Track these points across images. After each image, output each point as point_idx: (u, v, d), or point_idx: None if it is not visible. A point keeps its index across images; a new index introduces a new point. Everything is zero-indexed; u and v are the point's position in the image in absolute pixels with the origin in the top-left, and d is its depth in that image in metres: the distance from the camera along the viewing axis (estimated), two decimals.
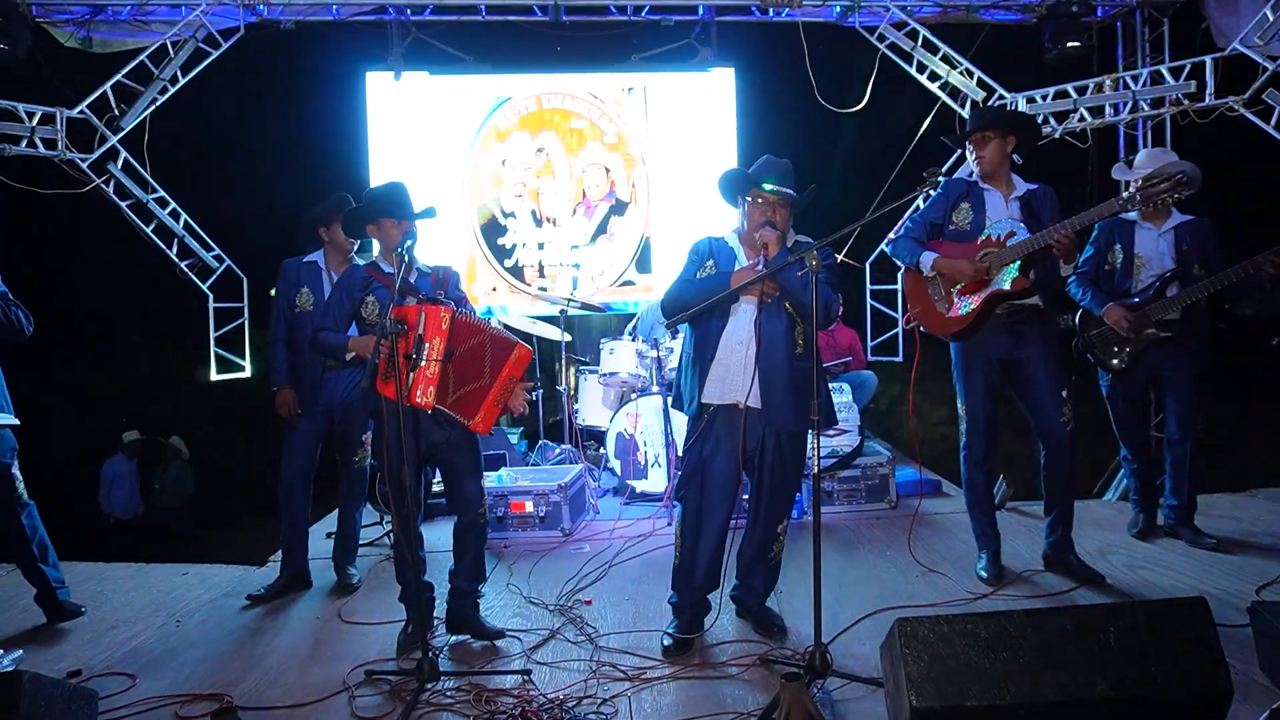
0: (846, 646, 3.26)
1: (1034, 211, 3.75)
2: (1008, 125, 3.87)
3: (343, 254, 4.25)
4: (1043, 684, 2.28)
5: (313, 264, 4.25)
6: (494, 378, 3.32)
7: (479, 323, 3.40)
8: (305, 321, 4.13)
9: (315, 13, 6.92)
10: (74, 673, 3.38)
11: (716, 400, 3.34)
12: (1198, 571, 3.96)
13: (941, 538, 4.44)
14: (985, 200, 3.82)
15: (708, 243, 3.50)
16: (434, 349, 3.23)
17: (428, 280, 3.59)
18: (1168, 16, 6.98)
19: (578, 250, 7.52)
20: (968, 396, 3.95)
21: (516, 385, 3.40)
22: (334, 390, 4.16)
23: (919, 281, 3.93)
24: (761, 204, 3.32)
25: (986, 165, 3.83)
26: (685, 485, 3.42)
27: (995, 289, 3.67)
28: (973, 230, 3.80)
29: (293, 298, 4.21)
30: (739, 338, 3.32)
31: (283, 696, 3.12)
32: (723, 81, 7.56)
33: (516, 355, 3.34)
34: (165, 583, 4.52)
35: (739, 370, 3.30)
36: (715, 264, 3.41)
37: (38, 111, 6.26)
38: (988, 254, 3.71)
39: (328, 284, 4.19)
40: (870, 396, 6.90)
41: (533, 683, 3.11)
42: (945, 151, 7.32)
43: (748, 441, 3.33)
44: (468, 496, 3.53)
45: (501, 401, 3.37)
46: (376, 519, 5.24)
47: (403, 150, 7.44)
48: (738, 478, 3.39)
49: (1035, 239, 3.57)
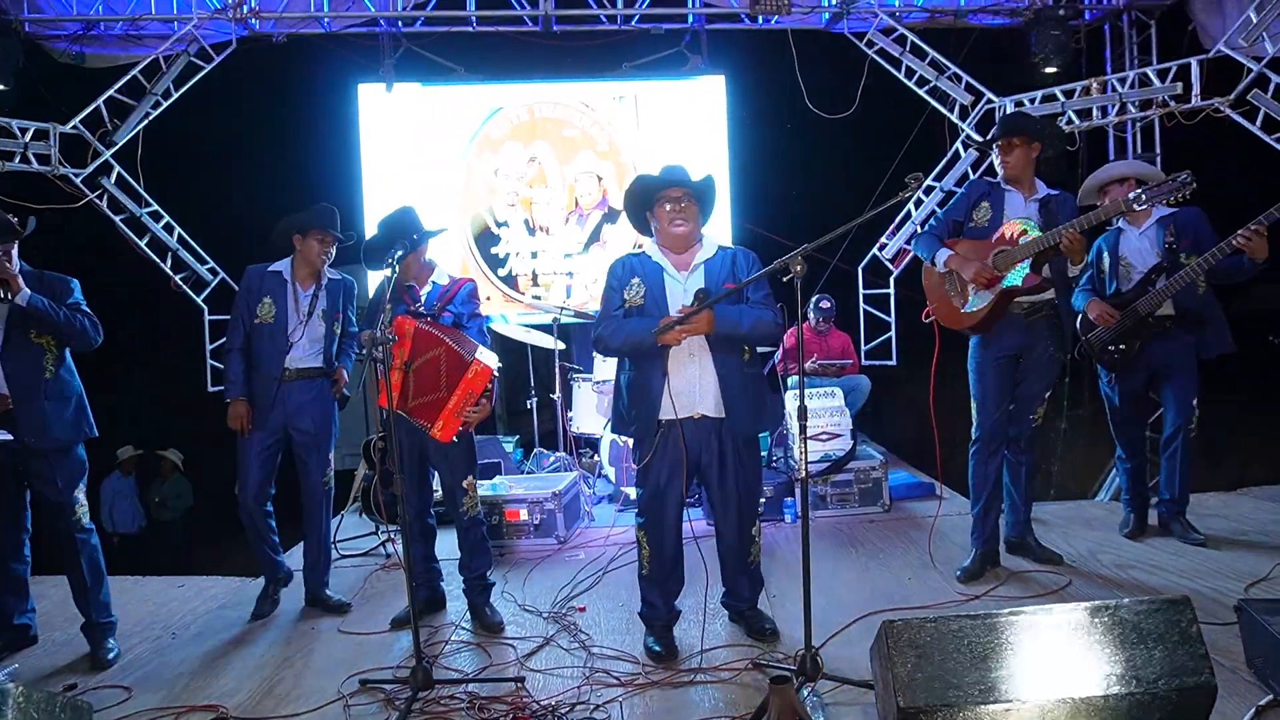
0: (839, 650, 3.28)
1: (1052, 214, 3.84)
2: (1034, 133, 3.95)
3: (311, 267, 4.06)
4: (1029, 682, 2.30)
5: (278, 274, 4.05)
6: (450, 390, 3.45)
7: (440, 337, 3.51)
8: (264, 333, 3.98)
9: (306, 25, 6.96)
10: (70, 686, 3.38)
11: (674, 415, 3.32)
12: (1188, 571, 3.98)
13: (936, 540, 4.46)
14: (1005, 201, 3.95)
15: (627, 262, 3.47)
16: (397, 357, 3.47)
17: (436, 293, 3.79)
18: (1154, 19, 7.04)
19: (571, 259, 7.55)
20: (980, 391, 4.02)
21: (476, 400, 3.52)
22: (288, 404, 3.99)
23: (936, 278, 4.04)
24: (670, 208, 3.37)
25: (1010, 170, 3.94)
26: (646, 512, 3.45)
27: (1006, 285, 3.79)
28: (990, 228, 3.91)
29: (253, 307, 4.00)
30: (689, 351, 3.32)
31: (277, 707, 3.14)
32: (713, 89, 7.60)
33: (473, 372, 3.45)
34: (161, 595, 4.52)
35: (695, 382, 3.32)
36: (642, 283, 3.38)
37: (31, 127, 6.29)
38: (1000, 252, 3.81)
39: (291, 296, 4.02)
40: (864, 401, 6.93)
41: (526, 690, 3.12)
42: (936, 155, 7.39)
43: (702, 452, 3.38)
44: (453, 495, 3.79)
45: (460, 413, 3.49)
46: (372, 529, 5.26)
47: (395, 161, 7.46)
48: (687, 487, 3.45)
49: (1044, 237, 3.69)
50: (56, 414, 3.60)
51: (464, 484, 3.80)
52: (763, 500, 5.22)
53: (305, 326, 4.01)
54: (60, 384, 3.64)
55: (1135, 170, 4.35)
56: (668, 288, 3.38)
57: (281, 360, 3.97)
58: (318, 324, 4.05)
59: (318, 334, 4.05)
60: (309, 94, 8.41)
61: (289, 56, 7.29)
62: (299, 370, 4.00)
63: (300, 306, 4.02)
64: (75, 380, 3.74)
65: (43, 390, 3.57)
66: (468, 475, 3.81)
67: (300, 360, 4.01)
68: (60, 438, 3.61)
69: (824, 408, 5.52)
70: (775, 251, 3.09)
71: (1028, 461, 4.11)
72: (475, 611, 3.86)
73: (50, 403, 3.59)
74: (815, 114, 7.19)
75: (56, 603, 4.01)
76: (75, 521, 3.67)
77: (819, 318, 7.18)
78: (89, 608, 3.70)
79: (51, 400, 3.60)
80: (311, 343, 4.03)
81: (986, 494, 4.05)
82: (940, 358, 3.92)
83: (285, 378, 3.97)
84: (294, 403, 4.00)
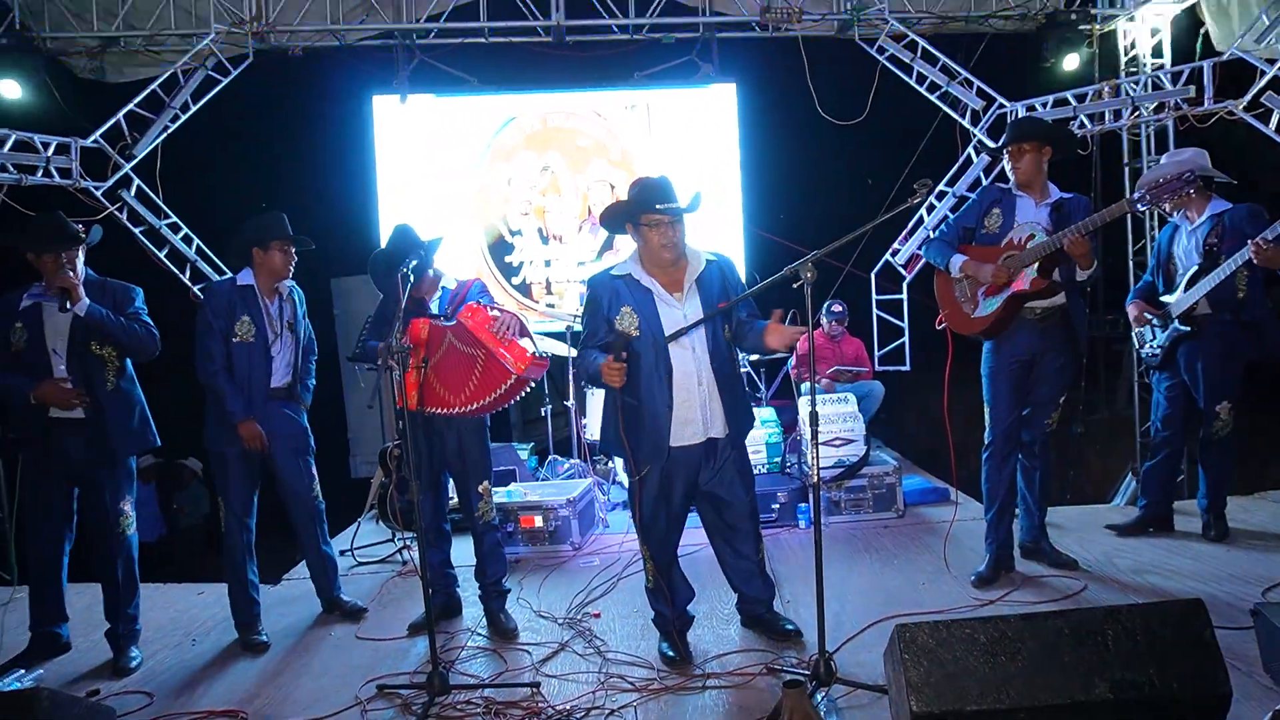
0: (854, 654, 3.29)
1: (1066, 217, 3.82)
2: (1044, 137, 3.94)
3: (275, 278, 3.90)
4: (1041, 687, 2.31)
5: (248, 289, 3.87)
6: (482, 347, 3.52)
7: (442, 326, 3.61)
8: (245, 352, 3.81)
9: (322, 39, 7.04)
10: (93, 692, 3.43)
11: (683, 442, 3.28)
12: (1204, 575, 3.96)
13: (950, 545, 4.45)
14: (1016, 206, 3.93)
15: (611, 286, 3.32)
16: (415, 357, 3.51)
17: (446, 297, 3.86)
18: (1167, 23, 7.01)
19: (584, 267, 7.59)
20: (993, 396, 4.02)
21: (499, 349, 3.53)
22: (270, 423, 3.85)
23: (948, 284, 4.03)
24: (660, 231, 3.21)
25: (1022, 175, 3.92)
26: (649, 528, 3.36)
27: (1015, 290, 3.79)
28: (1000, 235, 3.91)
29: (231, 326, 3.79)
30: (698, 379, 3.27)
31: (296, 712, 3.18)
32: (724, 97, 7.63)
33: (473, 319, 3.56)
34: (182, 602, 4.58)
35: (704, 408, 3.28)
36: (635, 312, 3.24)
37: (53, 142, 6.38)
38: (1010, 256, 3.81)
39: (264, 310, 3.86)
40: (877, 406, 6.93)
41: (542, 695, 3.15)
42: (948, 161, 7.39)
43: (701, 468, 3.36)
44: (469, 500, 3.85)
45: (502, 343, 3.53)
46: (388, 535, 5.30)
47: (410, 171, 7.53)
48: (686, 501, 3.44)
49: (1049, 241, 3.69)
50: (118, 425, 3.67)
51: (479, 489, 3.84)
52: (776, 506, 5.26)
53: (281, 340, 3.90)
54: (121, 395, 3.72)
55: (1186, 167, 4.18)
56: (662, 315, 3.26)
57: (267, 380, 3.84)
58: (288, 337, 3.94)
59: (289, 348, 3.95)
60: (324, 106, 8.50)
61: (305, 69, 7.38)
62: (276, 389, 3.89)
63: (274, 322, 3.89)
64: (136, 390, 3.81)
65: (105, 402, 3.64)
66: (483, 480, 3.85)
67: (280, 378, 3.91)
68: (121, 448, 3.68)
69: (837, 413, 5.53)
70: (786, 257, 3.10)
71: (1042, 466, 4.10)
72: (490, 618, 3.88)
73: (112, 414, 3.65)
74: (826, 120, 7.20)
75: (81, 610, 4.07)
76: (119, 533, 3.74)
77: (831, 321, 7.19)
78: (118, 617, 3.76)
79: (113, 411, 3.66)
80: (286, 359, 3.94)
81: (1000, 499, 4.05)
82: (953, 363, 3.93)
83: (271, 395, 3.85)
84: (275, 421, 3.86)
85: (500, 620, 3.83)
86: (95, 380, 3.63)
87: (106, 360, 3.66)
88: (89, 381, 3.61)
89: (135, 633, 3.82)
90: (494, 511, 3.92)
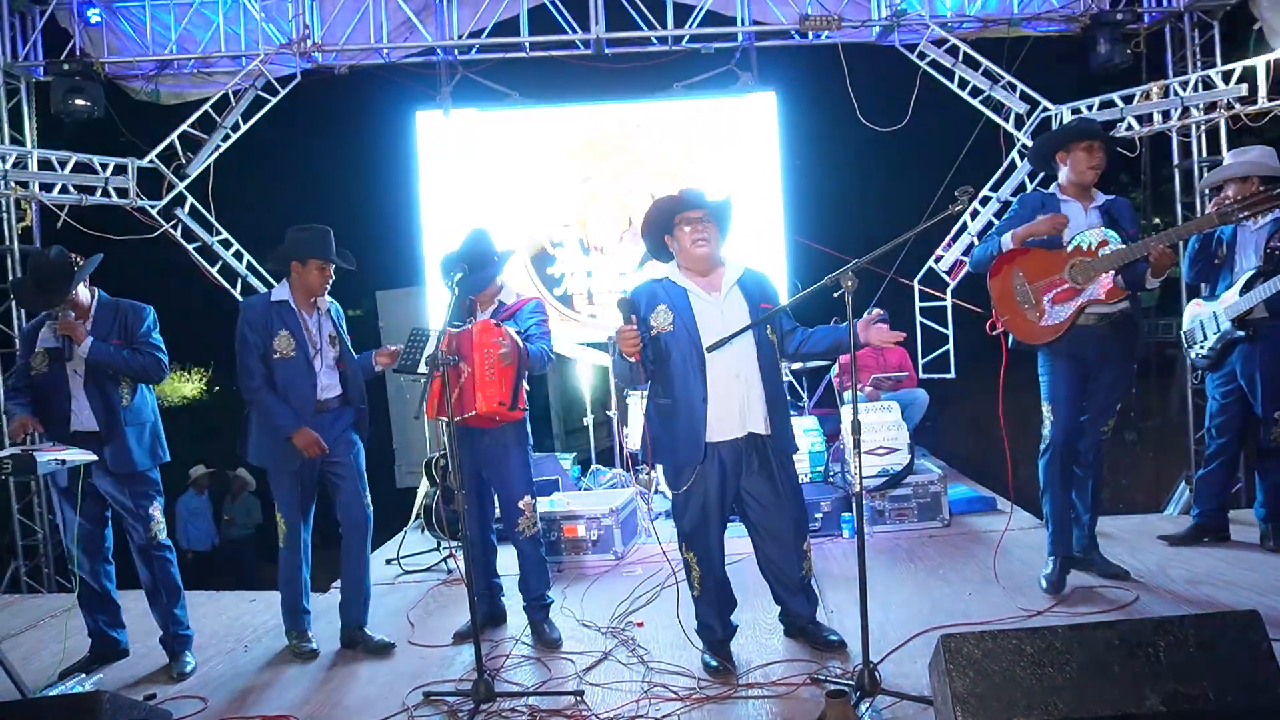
0: (899, 665, 3.26)
1: (1115, 220, 3.75)
2: (1106, 137, 3.88)
3: (312, 294, 3.87)
4: (1090, 699, 2.27)
5: (284, 304, 3.85)
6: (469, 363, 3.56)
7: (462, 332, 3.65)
8: (286, 369, 3.78)
9: (367, 57, 7.20)
10: (150, 695, 3.53)
11: (720, 437, 3.30)
12: (1262, 586, 3.85)
13: (1000, 555, 4.38)
14: (1064, 211, 3.79)
15: (649, 289, 3.39)
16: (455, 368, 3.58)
17: (499, 312, 3.87)
18: (1217, 19, 6.85)
19: (625, 277, 7.61)
20: (1053, 394, 3.91)
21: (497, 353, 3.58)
22: (325, 432, 3.82)
23: (1007, 291, 3.89)
24: (690, 229, 3.31)
25: (1093, 175, 3.80)
26: (693, 536, 3.40)
27: (1089, 298, 3.69)
28: (1057, 238, 3.77)
29: (269, 342, 3.78)
30: (734, 372, 3.28)
31: (345, 717, 3.25)
32: (764, 105, 7.63)
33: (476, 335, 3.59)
34: (234, 609, 4.68)
35: (742, 401, 3.29)
36: (670, 308, 3.31)
37: (111, 163, 6.61)
38: (1079, 262, 3.71)
39: (303, 326, 3.84)
40: (922, 415, 6.85)
41: (585, 703, 3.17)
42: (991, 166, 7.30)
43: (743, 474, 3.35)
44: (507, 509, 3.88)
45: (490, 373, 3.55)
46: (434, 545, 5.37)
47: (453, 184, 7.63)
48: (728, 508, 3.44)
49: (1132, 249, 3.57)
50: (135, 441, 3.81)
51: (520, 504, 3.86)
52: (820, 515, 5.22)
53: (321, 355, 3.88)
54: (134, 412, 3.85)
55: (1258, 170, 4.13)
56: (697, 311, 3.31)
57: (313, 394, 3.83)
58: (329, 350, 3.92)
59: (332, 361, 3.93)
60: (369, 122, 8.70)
61: (350, 87, 7.56)
62: (325, 401, 3.88)
63: (313, 336, 3.87)
64: (149, 408, 3.94)
65: (122, 419, 3.79)
66: (524, 495, 3.87)
67: (326, 390, 3.89)
68: (138, 463, 3.80)
69: (881, 422, 5.47)
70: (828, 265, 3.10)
71: (1094, 475, 4.00)
72: (535, 629, 3.91)
73: (129, 429, 3.80)
74: (867, 127, 7.17)
75: (136, 616, 4.18)
76: (152, 538, 3.86)
77: None
78: (166, 621, 3.87)
79: (130, 427, 3.81)
80: (330, 371, 3.92)
81: (1062, 501, 3.97)
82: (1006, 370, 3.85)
83: (317, 409, 3.84)
84: (327, 436, 3.82)
85: (544, 631, 3.87)
86: (112, 398, 3.78)
87: (121, 379, 3.81)
88: (106, 399, 3.76)
89: (187, 638, 3.92)
90: (537, 526, 3.94)
